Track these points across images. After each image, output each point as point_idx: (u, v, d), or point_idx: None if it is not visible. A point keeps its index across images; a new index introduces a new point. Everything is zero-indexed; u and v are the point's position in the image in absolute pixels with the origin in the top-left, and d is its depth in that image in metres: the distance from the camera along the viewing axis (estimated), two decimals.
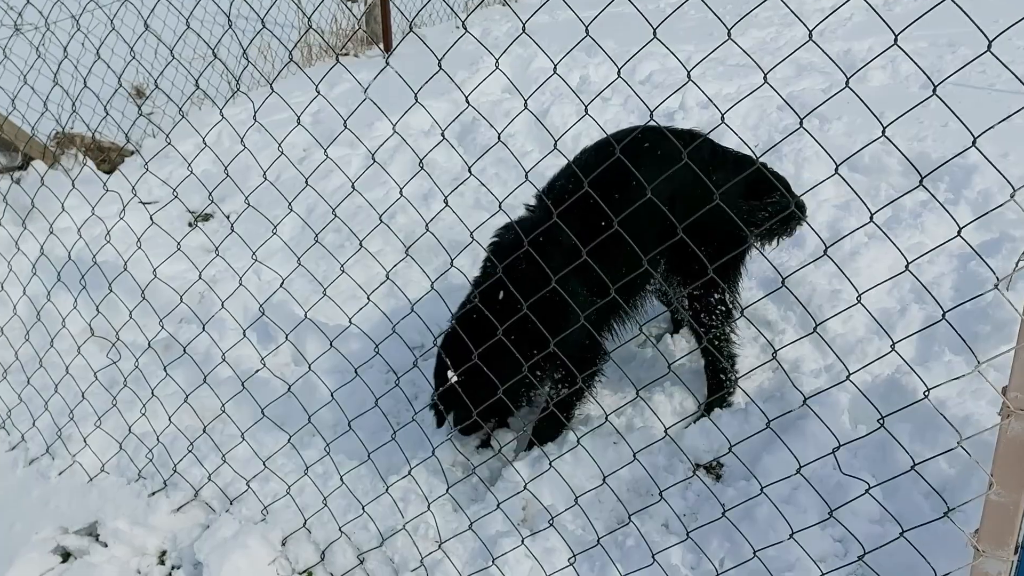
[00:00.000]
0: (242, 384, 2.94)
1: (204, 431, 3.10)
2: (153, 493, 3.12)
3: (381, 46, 7.75)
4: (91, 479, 3.21)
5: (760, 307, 3.67)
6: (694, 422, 3.19)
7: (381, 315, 3.73)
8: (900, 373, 3.09)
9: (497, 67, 2.05)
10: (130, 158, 5.80)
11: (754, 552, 2.26)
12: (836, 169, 1.74)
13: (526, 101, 2.03)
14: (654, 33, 1.83)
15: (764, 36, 7.32)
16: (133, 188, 3.03)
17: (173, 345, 3.61)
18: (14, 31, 3.91)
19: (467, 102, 2.26)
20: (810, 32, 1.69)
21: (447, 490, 2.87)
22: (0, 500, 3.20)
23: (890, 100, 5.07)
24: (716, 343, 3.18)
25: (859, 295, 1.81)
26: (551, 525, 2.59)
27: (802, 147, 4.86)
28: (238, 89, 2.89)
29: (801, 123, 1.76)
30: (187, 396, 3.09)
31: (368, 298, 2.65)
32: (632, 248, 2.46)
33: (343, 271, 2.69)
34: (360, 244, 2.62)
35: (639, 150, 2.91)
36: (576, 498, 2.52)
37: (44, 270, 3.74)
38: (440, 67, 2.17)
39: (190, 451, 3.09)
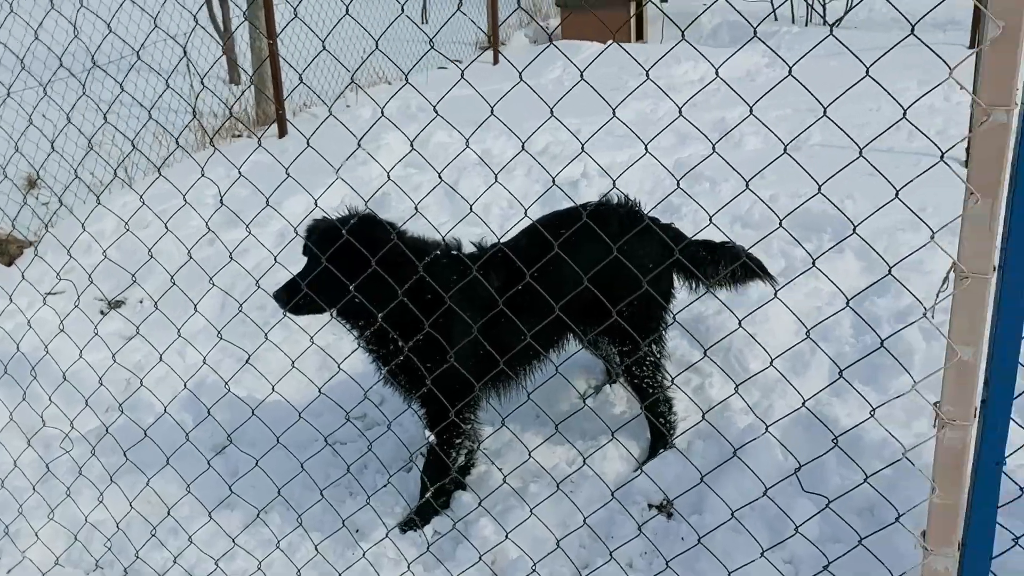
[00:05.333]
0: (207, 463, 2.96)
1: (169, 513, 3.06)
2: None
3: (275, 127, 7.84)
4: (44, 574, 3.09)
5: (688, 353, 3.97)
6: (641, 466, 3.41)
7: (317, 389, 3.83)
8: (820, 405, 3.41)
9: (414, 144, 2.27)
10: (28, 249, 5.62)
11: None
12: (708, 221, 2.03)
13: (439, 173, 2.41)
14: (551, 112, 2.17)
15: (643, 108, 7.86)
16: (28, 278, 3.05)
17: (121, 432, 3.52)
18: None
19: (388, 176, 2.61)
20: (680, 108, 2.02)
21: (428, 547, 2.96)
22: None
23: (765, 162, 5.56)
24: (652, 391, 3.44)
25: (770, 361, 2.08)
26: (535, 571, 2.72)
27: (697, 208, 5.27)
28: (129, 178, 3.03)
29: (678, 184, 2.13)
30: (148, 480, 3.06)
31: (344, 372, 2.74)
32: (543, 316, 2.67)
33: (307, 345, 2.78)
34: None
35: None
36: (559, 541, 2.66)
37: None
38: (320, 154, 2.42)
39: (153, 535, 3.04)
